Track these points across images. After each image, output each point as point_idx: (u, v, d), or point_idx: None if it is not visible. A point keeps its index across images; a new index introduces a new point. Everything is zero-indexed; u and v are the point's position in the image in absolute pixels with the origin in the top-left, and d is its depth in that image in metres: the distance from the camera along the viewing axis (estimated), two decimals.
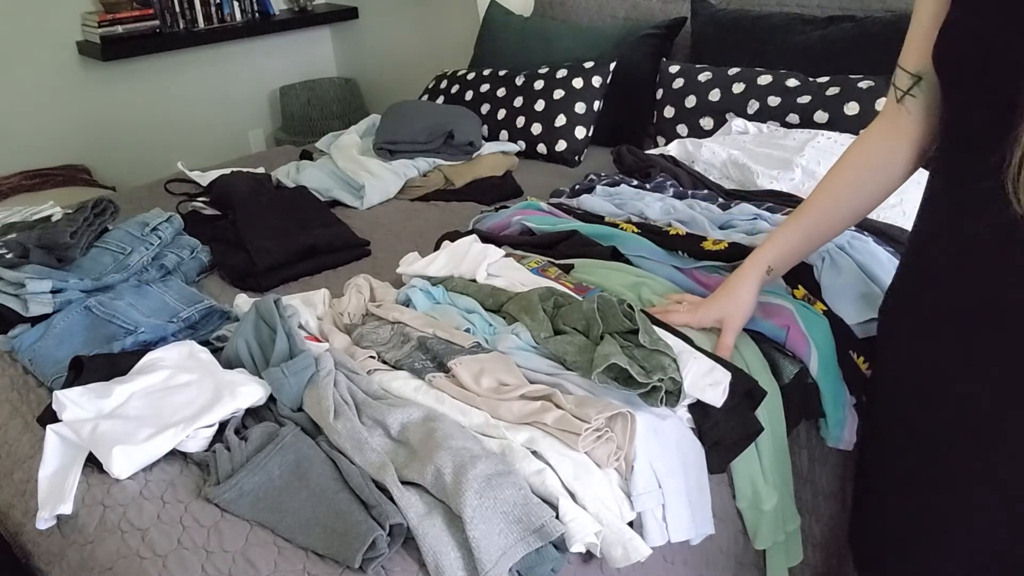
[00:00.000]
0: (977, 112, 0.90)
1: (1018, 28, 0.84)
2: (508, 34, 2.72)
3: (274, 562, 0.98)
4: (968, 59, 0.89)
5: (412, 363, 1.25)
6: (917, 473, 1.05)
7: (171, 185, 2.25)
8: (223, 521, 1.05)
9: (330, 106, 3.60)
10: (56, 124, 3.22)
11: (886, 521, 1.12)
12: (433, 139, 2.24)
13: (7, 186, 2.93)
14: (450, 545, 0.96)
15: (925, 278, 1.01)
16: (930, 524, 1.04)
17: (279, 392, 1.20)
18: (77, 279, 1.58)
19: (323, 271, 1.74)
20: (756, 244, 1.32)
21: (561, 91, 2.35)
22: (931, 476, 1.03)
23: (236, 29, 3.44)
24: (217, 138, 3.62)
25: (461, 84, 2.57)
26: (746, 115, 2.07)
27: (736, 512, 1.23)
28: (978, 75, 0.88)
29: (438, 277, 1.49)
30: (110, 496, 1.11)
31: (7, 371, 1.45)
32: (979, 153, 0.89)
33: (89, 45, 3.15)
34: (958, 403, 0.97)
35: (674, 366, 1.13)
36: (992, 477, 0.96)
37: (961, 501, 1.00)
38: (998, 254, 0.89)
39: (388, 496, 1.01)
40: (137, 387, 1.21)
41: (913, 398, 1.04)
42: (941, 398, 0.99)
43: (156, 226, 1.75)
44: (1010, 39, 0.84)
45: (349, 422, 1.12)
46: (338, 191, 2.11)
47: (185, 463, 1.16)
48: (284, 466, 1.08)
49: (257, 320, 1.32)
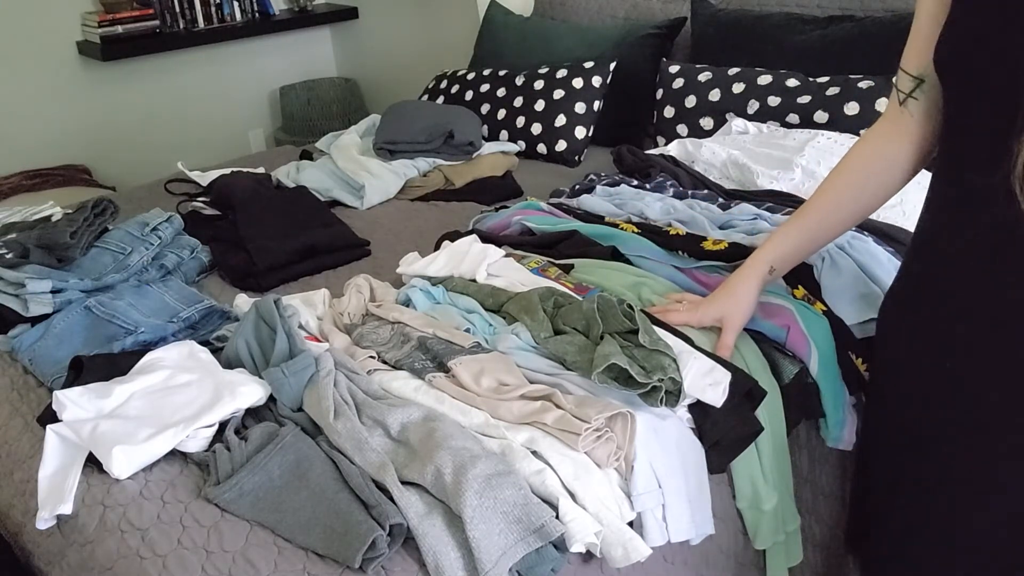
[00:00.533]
0: (979, 113, 0.89)
1: (1019, 28, 0.83)
2: (508, 34, 2.72)
3: (274, 562, 0.98)
4: (969, 60, 0.89)
5: (412, 363, 1.25)
6: (917, 474, 1.05)
7: (171, 185, 2.25)
8: (223, 521, 1.05)
9: (330, 106, 3.60)
10: (56, 124, 3.22)
11: (886, 521, 1.12)
12: (433, 139, 2.24)
13: (7, 186, 2.93)
14: (450, 545, 0.96)
15: (926, 278, 1.01)
16: (930, 524, 1.04)
17: (279, 392, 1.20)
18: (77, 279, 1.58)
19: (323, 271, 1.74)
20: (756, 244, 1.32)
21: (561, 91, 2.36)
22: (931, 477, 1.03)
23: (236, 29, 3.44)
24: (217, 138, 3.63)
25: (461, 84, 2.57)
26: (746, 115, 2.07)
27: (736, 512, 1.23)
28: (979, 76, 0.88)
29: (438, 277, 1.49)
30: (110, 496, 1.11)
31: (7, 371, 1.45)
32: (981, 153, 0.89)
33: (89, 45, 3.15)
34: (958, 403, 0.97)
35: (674, 366, 1.13)
36: (992, 477, 0.96)
37: (961, 501, 1.00)
38: (999, 254, 0.89)
39: (388, 496, 1.02)
40: (137, 387, 1.21)
41: (913, 398, 1.04)
42: (941, 398, 0.99)
43: (156, 226, 1.75)
44: (1011, 39, 0.84)
45: (349, 422, 1.12)
46: (338, 191, 2.11)
47: (185, 463, 1.16)
48: (284, 466, 1.08)
49: (257, 320, 1.32)
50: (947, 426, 0.99)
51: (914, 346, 1.03)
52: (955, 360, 0.97)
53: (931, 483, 1.03)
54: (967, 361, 0.96)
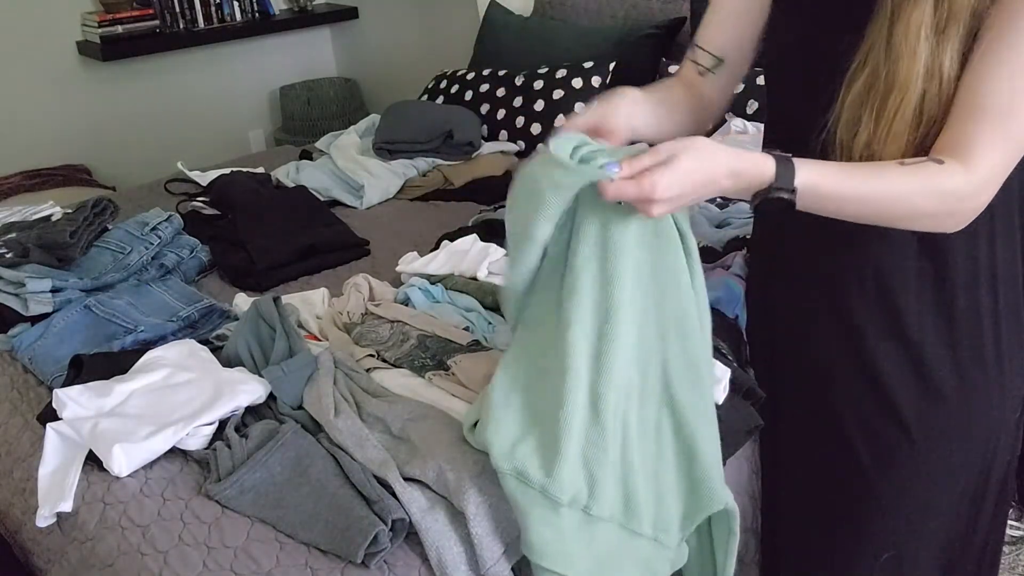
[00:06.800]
0: (800, 105, 0.97)
1: (836, 28, 0.91)
2: (508, 34, 2.72)
3: (276, 557, 0.99)
4: (794, 59, 0.99)
5: (412, 361, 1.25)
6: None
7: (171, 185, 2.25)
8: (224, 517, 1.05)
9: (330, 106, 3.60)
10: (56, 124, 3.22)
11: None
12: (432, 139, 2.24)
13: (7, 186, 2.93)
14: (453, 540, 0.96)
15: (764, 256, 1.14)
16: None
17: (279, 390, 1.20)
18: (77, 278, 1.58)
19: (322, 271, 1.74)
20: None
21: (561, 91, 2.36)
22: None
23: (236, 29, 3.44)
24: (217, 138, 3.62)
25: (461, 84, 2.57)
26: (745, 115, 2.07)
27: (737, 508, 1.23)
28: (804, 73, 0.97)
29: (437, 276, 1.49)
30: (110, 494, 1.11)
31: (7, 370, 1.45)
32: (802, 137, 0.93)
33: (89, 45, 3.15)
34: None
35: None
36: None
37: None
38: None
39: (390, 492, 1.02)
40: (137, 385, 1.22)
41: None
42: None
43: (156, 226, 1.75)
44: (831, 39, 0.91)
45: (350, 419, 1.12)
46: (338, 191, 2.11)
47: (185, 461, 1.16)
48: (285, 462, 1.08)
49: (257, 319, 1.32)
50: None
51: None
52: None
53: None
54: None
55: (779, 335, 1.16)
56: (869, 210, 0.86)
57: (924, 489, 1.06)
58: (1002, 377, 1.02)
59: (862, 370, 1.04)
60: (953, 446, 1.04)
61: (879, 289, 1.00)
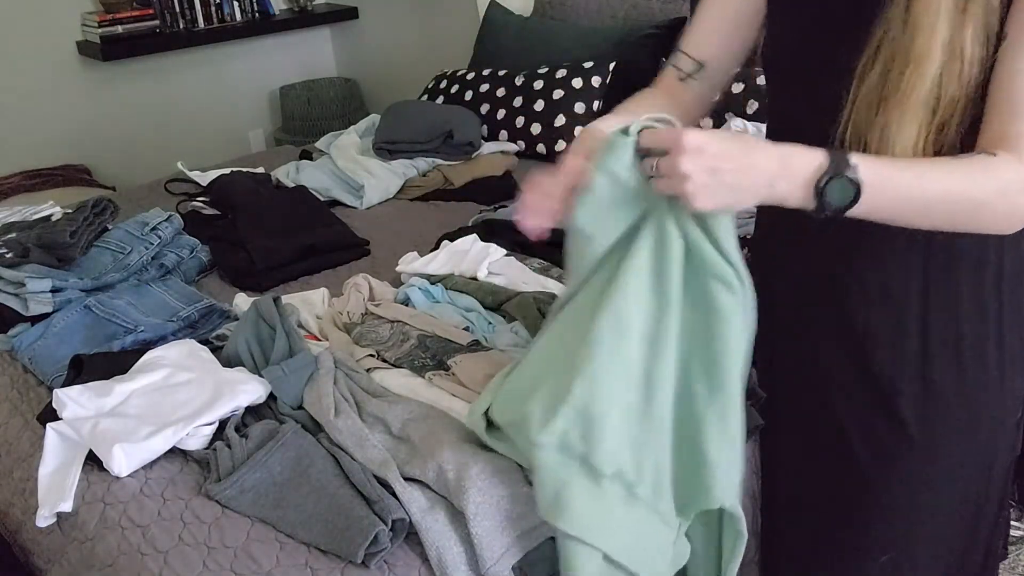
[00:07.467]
0: (803, 100, 0.96)
1: (836, 25, 0.90)
2: (508, 34, 2.72)
3: (276, 557, 0.99)
4: (794, 58, 0.98)
5: (412, 361, 1.25)
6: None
7: (171, 185, 2.25)
8: (224, 517, 1.05)
9: (330, 106, 3.60)
10: (56, 124, 3.21)
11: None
12: (432, 139, 2.24)
13: (7, 186, 2.93)
14: (453, 540, 0.96)
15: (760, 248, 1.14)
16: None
17: (279, 390, 1.20)
18: (77, 278, 1.58)
19: (322, 271, 1.74)
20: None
21: (561, 91, 2.36)
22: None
23: (236, 29, 3.44)
24: (217, 138, 3.62)
25: (461, 84, 2.57)
26: (745, 115, 2.07)
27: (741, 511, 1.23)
28: (804, 72, 0.96)
29: (437, 276, 1.49)
30: (110, 493, 1.11)
31: (7, 370, 1.45)
32: (803, 138, 0.89)
33: (89, 45, 3.15)
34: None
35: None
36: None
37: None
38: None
39: (390, 492, 1.02)
40: (137, 385, 1.22)
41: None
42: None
43: (156, 226, 1.75)
44: (830, 37, 0.90)
45: (350, 419, 1.12)
46: (338, 191, 2.11)
47: (185, 461, 1.16)
48: (285, 462, 1.08)
49: (257, 319, 1.32)
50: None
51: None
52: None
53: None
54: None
55: (779, 335, 1.16)
56: (931, 205, 0.81)
57: (924, 490, 1.06)
58: (1003, 378, 1.02)
59: (862, 370, 1.04)
60: (954, 447, 1.04)
61: (880, 289, 1.00)
